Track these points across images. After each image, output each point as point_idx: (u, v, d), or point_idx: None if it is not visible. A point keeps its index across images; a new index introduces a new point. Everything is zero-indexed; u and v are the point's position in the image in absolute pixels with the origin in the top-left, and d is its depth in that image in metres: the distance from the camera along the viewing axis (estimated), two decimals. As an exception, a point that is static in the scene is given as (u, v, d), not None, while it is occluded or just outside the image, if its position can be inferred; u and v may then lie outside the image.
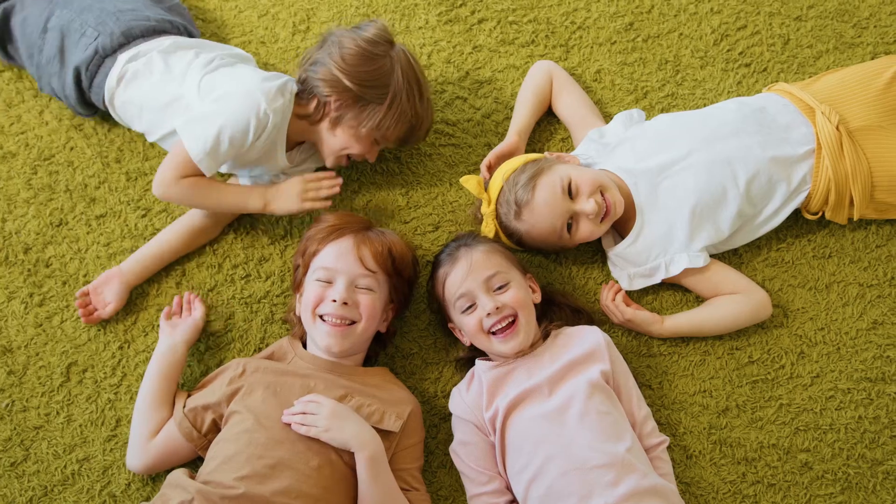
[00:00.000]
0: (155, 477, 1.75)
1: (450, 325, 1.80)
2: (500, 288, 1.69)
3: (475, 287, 1.68)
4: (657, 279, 1.86)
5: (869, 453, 1.78)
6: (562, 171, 1.78)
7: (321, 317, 1.68)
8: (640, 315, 1.83)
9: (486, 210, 1.85)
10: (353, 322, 1.68)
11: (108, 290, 1.88)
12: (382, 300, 1.74)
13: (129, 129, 2.05)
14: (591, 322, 1.82)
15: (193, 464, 1.71)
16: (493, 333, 1.68)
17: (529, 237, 1.82)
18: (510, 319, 1.68)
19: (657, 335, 1.86)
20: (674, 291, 1.93)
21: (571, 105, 2.06)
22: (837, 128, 1.83)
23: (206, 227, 1.94)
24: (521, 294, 1.70)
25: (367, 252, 1.71)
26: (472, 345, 1.79)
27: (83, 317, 1.86)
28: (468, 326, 1.70)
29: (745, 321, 1.84)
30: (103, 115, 2.06)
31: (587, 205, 1.76)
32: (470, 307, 1.69)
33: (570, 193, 1.77)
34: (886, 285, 1.92)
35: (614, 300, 1.85)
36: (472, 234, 1.83)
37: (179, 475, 1.57)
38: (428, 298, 1.88)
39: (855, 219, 1.90)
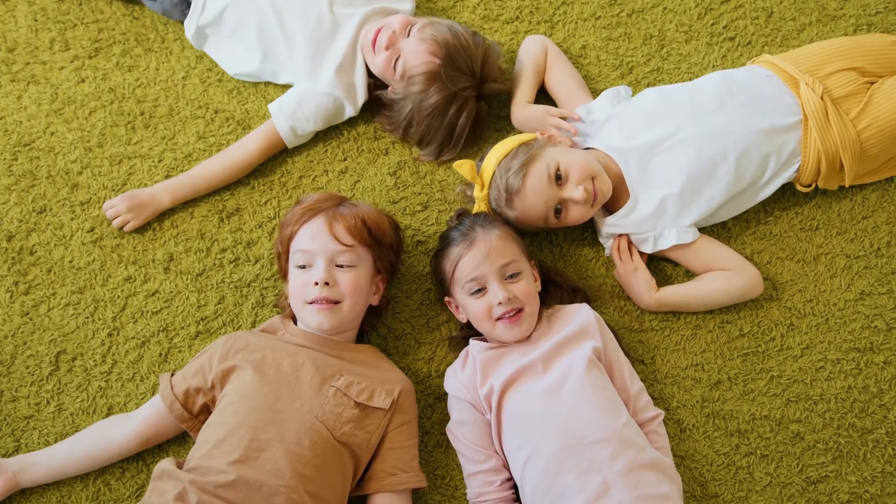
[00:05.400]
0: (150, 462, 1.73)
1: (446, 298, 1.80)
2: (512, 276, 1.69)
3: (490, 273, 1.67)
4: (646, 250, 1.87)
5: (859, 422, 1.81)
6: (550, 157, 1.78)
7: (308, 302, 1.68)
8: (644, 272, 1.85)
9: (479, 194, 1.84)
10: (338, 302, 1.68)
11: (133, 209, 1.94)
12: (366, 274, 1.72)
13: (110, 113, 2.02)
14: (587, 300, 1.83)
15: (179, 445, 1.71)
16: (498, 319, 1.68)
17: (520, 222, 1.82)
18: (518, 310, 1.68)
19: (646, 304, 1.86)
20: (664, 266, 1.93)
21: (561, 80, 2.05)
22: (822, 98, 1.83)
23: (246, 162, 2.01)
24: (531, 286, 1.71)
25: (341, 227, 1.69)
26: (466, 322, 1.79)
27: (117, 225, 1.94)
28: (474, 310, 1.69)
29: (736, 298, 1.85)
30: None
31: (576, 192, 1.76)
32: (479, 290, 1.69)
33: (559, 179, 1.77)
34: (873, 256, 1.94)
35: (619, 249, 1.87)
36: (484, 214, 1.81)
37: (168, 465, 1.55)
38: (432, 270, 1.85)
39: (846, 185, 1.92)
